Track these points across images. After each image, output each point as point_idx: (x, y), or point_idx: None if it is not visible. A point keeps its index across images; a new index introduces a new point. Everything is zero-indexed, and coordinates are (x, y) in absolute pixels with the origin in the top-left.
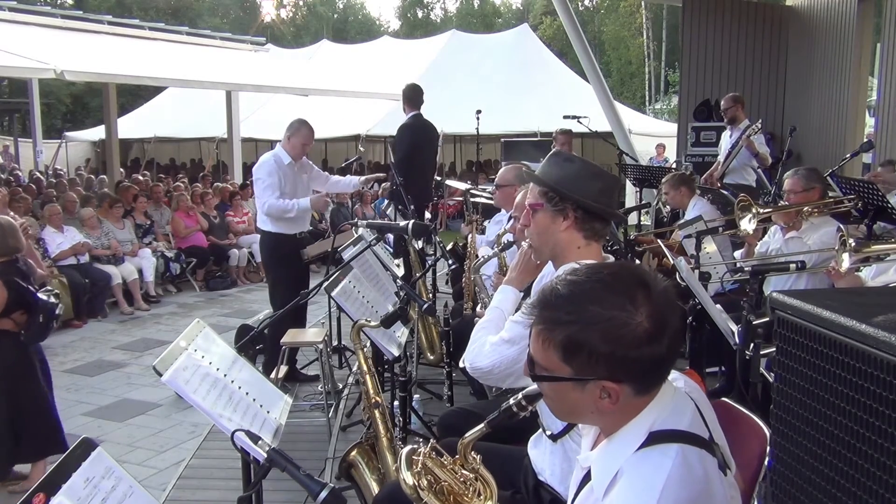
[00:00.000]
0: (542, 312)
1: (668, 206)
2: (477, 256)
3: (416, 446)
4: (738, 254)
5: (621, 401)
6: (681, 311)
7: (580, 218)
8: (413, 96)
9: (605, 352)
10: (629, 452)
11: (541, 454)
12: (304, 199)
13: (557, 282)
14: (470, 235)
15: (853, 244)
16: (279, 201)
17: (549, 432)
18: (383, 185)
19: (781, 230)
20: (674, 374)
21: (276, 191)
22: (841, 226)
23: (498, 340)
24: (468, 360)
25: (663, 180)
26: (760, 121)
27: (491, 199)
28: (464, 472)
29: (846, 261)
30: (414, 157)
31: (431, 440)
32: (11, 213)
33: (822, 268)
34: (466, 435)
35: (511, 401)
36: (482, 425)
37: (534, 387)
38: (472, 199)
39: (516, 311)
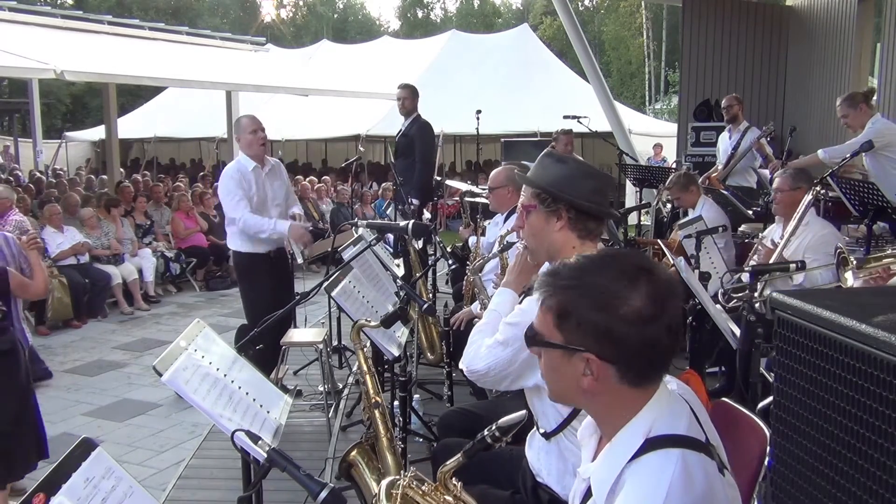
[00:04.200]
0: (547, 278)
1: (668, 206)
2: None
3: (395, 478)
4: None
5: (604, 383)
6: (681, 305)
7: (574, 218)
8: (418, 96)
9: (593, 320)
10: (625, 459)
11: (535, 455)
12: (283, 224)
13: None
14: (472, 239)
15: (855, 262)
16: (254, 218)
17: (542, 430)
18: (383, 185)
19: (780, 231)
20: (666, 377)
21: (247, 204)
22: (839, 245)
23: (493, 343)
24: (465, 364)
25: (668, 184)
26: (772, 123)
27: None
28: (446, 497)
29: (850, 279)
30: (434, 154)
31: (412, 468)
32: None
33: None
34: (446, 463)
35: (486, 431)
36: (459, 455)
37: (509, 417)
38: (470, 201)
39: None
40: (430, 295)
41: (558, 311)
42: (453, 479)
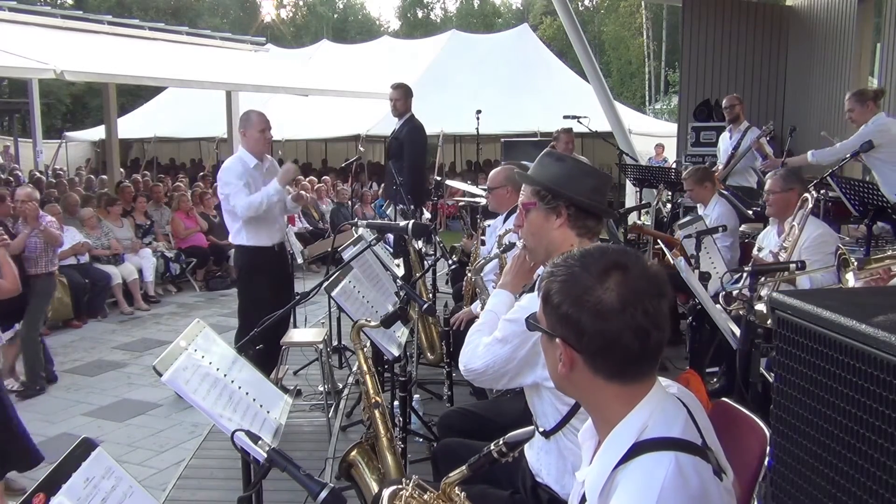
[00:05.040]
0: (547, 266)
1: (668, 206)
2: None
3: (398, 487)
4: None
5: (578, 373)
6: (659, 310)
7: (573, 215)
8: (411, 96)
9: (561, 306)
10: (615, 460)
11: (535, 455)
12: (272, 183)
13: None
14: (473, 247)
15: (856, 263)
16: (247, 199)
17: (541, 429)
18: (383, 185)
19: (777, 232)
20: (666, 381)
21: (247, 195)
22: (840, 245)
23: (491, 340)
24: (462, 363)
25: (684, 175)
26: (771, 122)
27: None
28: None
29: (851, 280)
30: (424, 157)
31: (415, 476)
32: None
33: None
34: (449, 475)
35: (492, 446)
36: (464, 468)
37: (517, 432)
38: (469, 201)
39: None
40: (430, 295)
41: (543, 296)
42: (456, 488)
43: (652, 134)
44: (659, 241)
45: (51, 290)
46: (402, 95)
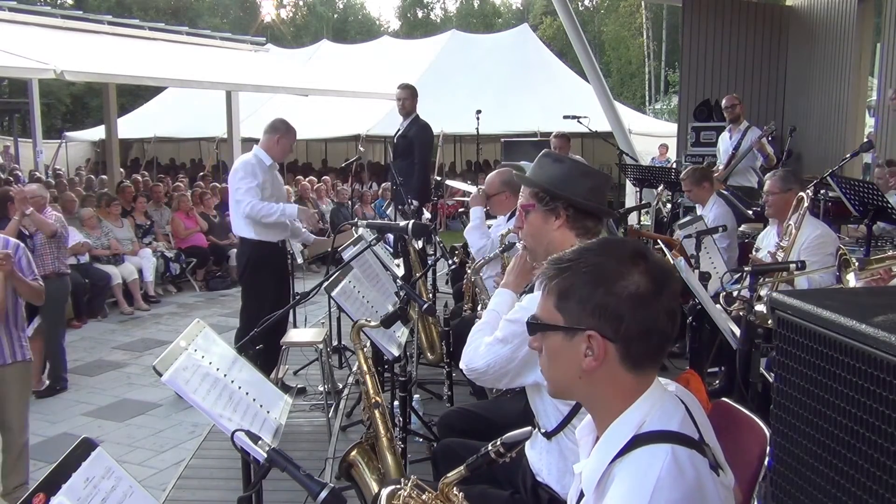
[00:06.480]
0: (549, 265)
1: (668, 206)
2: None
3: (396, 487)
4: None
5: (605, 365)
6: (679, 293)
7: (572, 216)
8: (417, 96)
9: (594, 297)
10: (614, 452)
11: (537, 454)
12: (291, 206)
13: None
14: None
15: (857, 264)
16: (262, 203)
17: (543, 430)
18: (383, 185)
19: (777, 233)
20: (665, 381)
21: (258, 194)
22: (841, 245)
23: (493, 340)
24: (464, 362)
25: (682, 175)
26: (773, 123)
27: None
28: None
29: (852, 281)
30: (430, 156)
31: (413, 476)
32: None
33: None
34: (448, 475)
35: (490, 447)
36: (461, 468)
37: (515, 433)
38: (465, 199)
39: None
40: (430, 295)
41: (559, 293)
42: (455, 489)
43: (652, 134)
44: (659, 241)
45: (61, 293)
46: (410, 95)
